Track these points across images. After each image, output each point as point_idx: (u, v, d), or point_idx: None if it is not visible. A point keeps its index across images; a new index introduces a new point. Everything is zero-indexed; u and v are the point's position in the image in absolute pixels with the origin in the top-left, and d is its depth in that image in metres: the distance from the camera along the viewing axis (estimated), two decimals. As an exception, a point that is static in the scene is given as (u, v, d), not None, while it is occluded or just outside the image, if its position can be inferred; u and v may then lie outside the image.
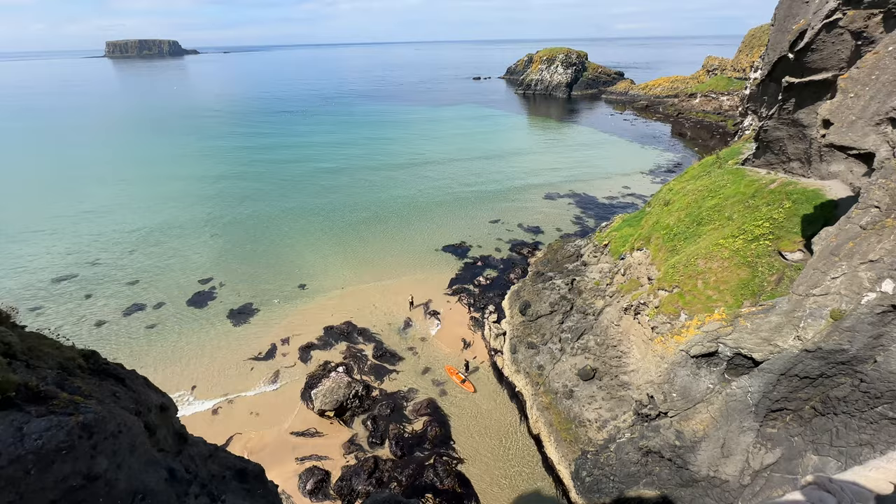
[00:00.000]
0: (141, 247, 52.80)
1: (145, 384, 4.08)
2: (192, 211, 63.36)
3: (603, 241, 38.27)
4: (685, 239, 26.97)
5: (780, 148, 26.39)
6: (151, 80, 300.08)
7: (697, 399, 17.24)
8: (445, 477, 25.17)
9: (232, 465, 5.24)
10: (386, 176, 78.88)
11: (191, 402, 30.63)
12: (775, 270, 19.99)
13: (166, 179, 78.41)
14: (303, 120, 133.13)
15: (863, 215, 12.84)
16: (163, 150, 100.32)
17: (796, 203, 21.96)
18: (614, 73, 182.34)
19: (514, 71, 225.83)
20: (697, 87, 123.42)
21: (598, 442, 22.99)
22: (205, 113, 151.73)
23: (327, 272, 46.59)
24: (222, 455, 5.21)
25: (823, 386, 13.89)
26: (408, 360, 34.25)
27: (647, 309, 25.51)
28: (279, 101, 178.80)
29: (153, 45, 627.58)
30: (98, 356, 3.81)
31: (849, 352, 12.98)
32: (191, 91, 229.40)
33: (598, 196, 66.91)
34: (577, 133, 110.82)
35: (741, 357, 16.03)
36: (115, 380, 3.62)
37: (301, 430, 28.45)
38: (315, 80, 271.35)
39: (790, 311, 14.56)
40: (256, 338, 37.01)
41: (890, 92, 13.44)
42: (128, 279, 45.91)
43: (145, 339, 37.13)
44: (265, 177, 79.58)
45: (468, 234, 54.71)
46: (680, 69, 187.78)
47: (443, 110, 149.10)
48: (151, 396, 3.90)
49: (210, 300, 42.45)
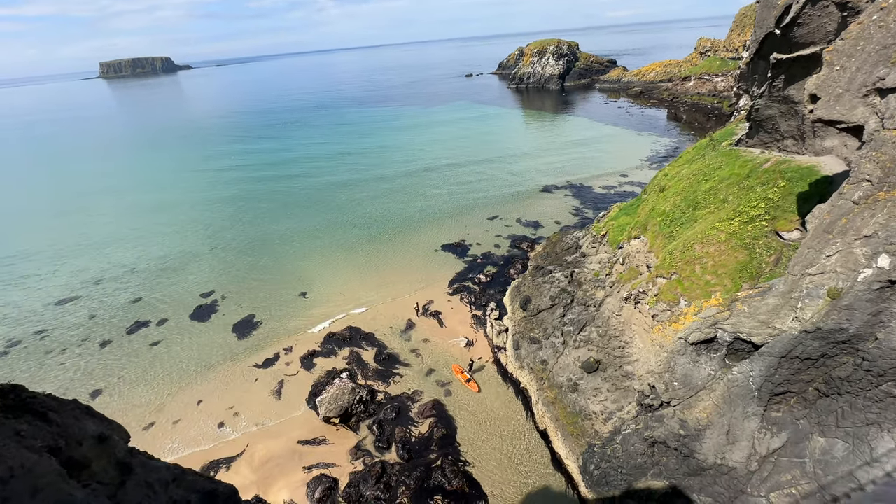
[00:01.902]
0: (142, 264, 53.05)
1: (84, 413, 3.94)
2: (191, 226, 63.61)
3: (601, 231, 37.96)
4: (681, 224, 26.64)
5: (773, 126, 25.99)
6: (146, 97, 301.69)
7: (699, 386, 16.97)
8: (453, 478, 25.03)
9: (200, 487, 5.12)
10: (381, 179, 78.78)
11: (197, 417, 30.65)
12: (773, 251, 19.66)
13: (164, 197, 78.74)
14: (297, 130, 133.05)
15: (854, 190, 12.54)
16: (159, 167, 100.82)
17: (791, 181, 21.59)
18: (607, 62, 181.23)
19: (506, 66, 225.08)
20: (691, 70, 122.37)
21: (604, 434, 22.77)
22: (199, 128, 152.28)
23: (327, 279, 46.56)
24: (189, 479, 5.09)
25: (825, 366, 13.60)
26: (411, 363, 34.14)
27: (647, 297, 25.23)
28: (272, 112, 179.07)
29: (146, 62, 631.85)
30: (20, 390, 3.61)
31: (848, 330, 12.69)
32: (184, 106, 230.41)
33: (596, 186, 66.47)
34: (573, 124, 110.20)
35: (740, 342, 15.76)
36: (34, 415, 3.47)
37: (307, 439, 28.42)
38: (307, 88, 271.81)
39: (787, 292, 14.27)
40: (260, 348, 37.05)
41: (876, 62, 13.12)
42: (131, 297, 46.12)
43: (150, 356, 37.28)
44: (261, 188, 79.73)
45: (467, 231, 54.51)
46: (672, 53, 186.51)
47: (436, 109, 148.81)
48: (87, 427, 3.76)
49: (213, 313, 42.56)
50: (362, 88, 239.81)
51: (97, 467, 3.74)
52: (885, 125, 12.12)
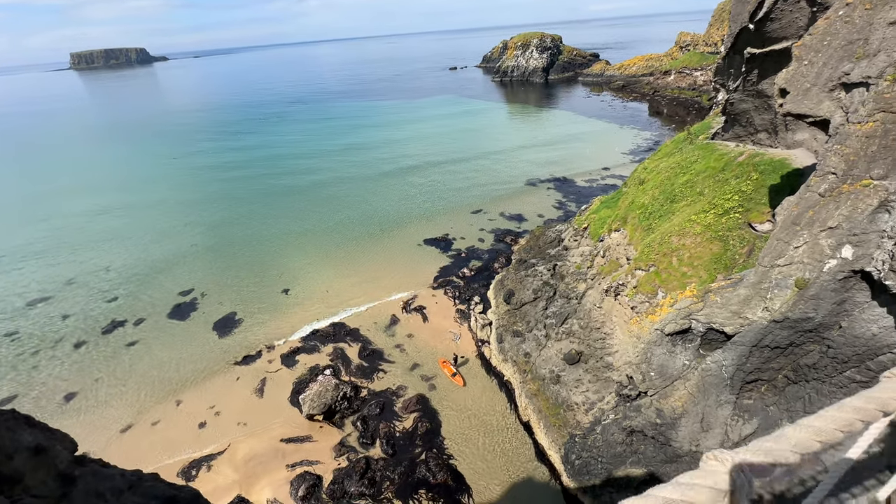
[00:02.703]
0: (116, 262, 51.57)
1: (22, 424, 3.73)
2: (169, 223, 62.01)
3: (582, 224, 38.35)
4: (660, 217, 27.08)
5: (748, 120, 26.52)
6: (120, 90, 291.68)
7: (675, 376, 17.38)
8: (438, 471, 25.18)
9: (159, 493, 4.99)
10: (364, 173, 78.02)
11: (176, 418, 30.10)
12: (746, 243, 20.15)
13: (138, 192, 76.55)
14: (277, 125, 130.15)
15: (821, 183, 12.89)
16: (134, 163, 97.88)
17: (763, 174, 22.11)
18: (589, 55, 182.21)
19: (490, 59, 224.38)
20: (671, 64, 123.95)
21: (585, 425, 23.16)
22: (175, 123, 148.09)
23: (310, 275, 46.03)
24: (147, 485, 4.95)
25: (794, 354, 14.04)
26: (395, 358, 34.09)
27: (627, 289, 25.64)
28: (251, 106, 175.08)
29: (120, 53, 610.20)
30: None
31: (815, 319, 13.11)
32: (161, 100, 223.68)
33: (579, 179, 67.04)
34: (556, 118, 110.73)
35: (714, 332, 16.16)
36: (-46, 431, 3.28)
37: (291, 437, 28.19)
38: (288, 81, 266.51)
39: (757, 282, 14.66)
40: (241, 346, 36.50)
41: (842, 57, 13.45)
42: (105, 297, 44.84)
43: (127, 357, 36.39)
44: (240, 185, 78.10)
45: (451, 226, 54.45)
46: (654, 47, 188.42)
47: (420, 103, 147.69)
48: (21, 440, 3.58)
49: (192, 311, 41.72)
50: (344, 82, 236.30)
51: (32, 481, 3.57)
52: (849, 119, 12.45)
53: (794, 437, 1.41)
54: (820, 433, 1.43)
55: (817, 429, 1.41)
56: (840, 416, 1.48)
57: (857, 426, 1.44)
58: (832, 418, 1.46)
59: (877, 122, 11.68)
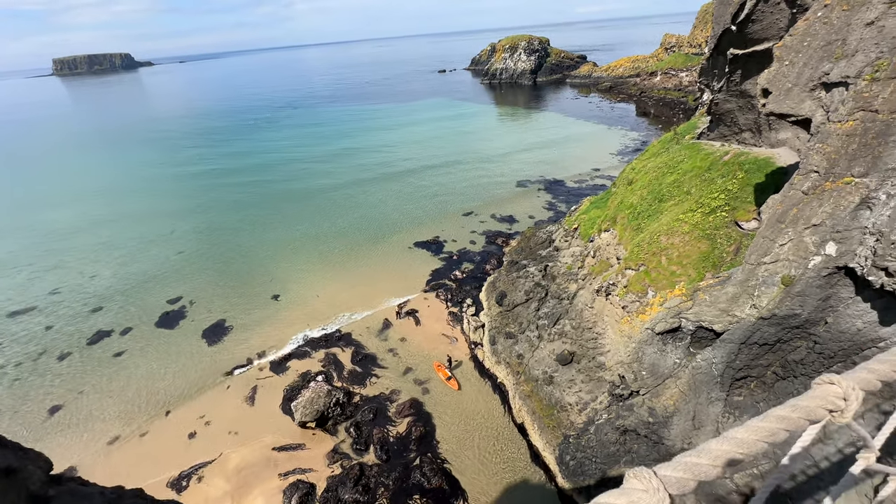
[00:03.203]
0: (102, 271, 50.64)
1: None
2: (156, 230, 61.09)
3: (573, 224, 38.56)
4: (648, 216, 27.32)
5: (732, 119, 26.92)
6: (104, 96, 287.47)
7: (666, 375, 17.48)
8: (432, 476, 25.03)
9: (141, 510, 4.87)
10: (354, 178, 77.70)
11: (165, 428, 29.55)
12: (733, 241, 20.38)
13: (125, 199, 75.38)
14: (267, 131, 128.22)
15: (804, 181, 13.09)
16: (120, 170, 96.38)
17: (748, 173, 22.43)
18: (577, 57, 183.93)
19: (479, 61, 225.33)
20: (657, 66, 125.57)
21: (578, 425, 23.20)
22: (162, 129, 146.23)
23: (300, 281, 45.63)
24: (129, 502, 4.81)
25: (782, 351, 14.20)
26: (388, 362, 33.89)
27: (617, 289, 25.78)
28: (240, 111, 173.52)
29: (104, 59, 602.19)
30: None
31: (801, 316, 13.28)
32: (147, 106, 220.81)
33: (569, 180, 67.47)
34: (545, 119, 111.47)
35: (703, 330, 16.30)
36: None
37: (283, 445, 27.83)
38: (276, 86, 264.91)
39: (744, 280, 14.83)
40: (231, 354, 36.01)
41: (821, 57, 13.69)
42: (90, 306, 43.98)
43: (114, 368, 35.68)
44: (229, 192, 77.26)
45: (442, 228, 54.41)
46: (640, 49, 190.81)
47: (410, 106, 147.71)
48: (-8, 461, 3.45)
49: (181, 320, 41.10)
50: (334, 85, 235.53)
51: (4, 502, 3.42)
52: (830, 118, 12.67)
53: (716, 450, 1.40)
54: (742, 445, 1.42)
55: (740, 440, 1.42)
56: (764, 427, 1.47)
57: (780, 436, 1.44)
58: (756, 429, 1.46)
59: (856, 120, 11.90)
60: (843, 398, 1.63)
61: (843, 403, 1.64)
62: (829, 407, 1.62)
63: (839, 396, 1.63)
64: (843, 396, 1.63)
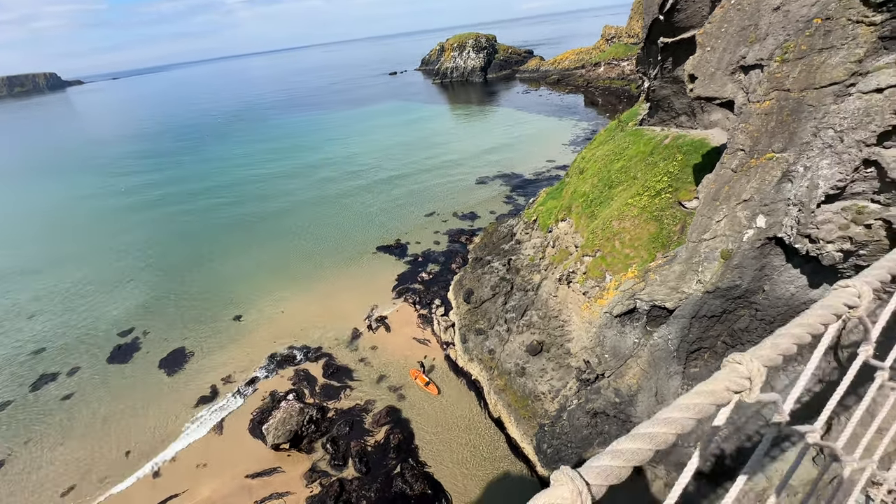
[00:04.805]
0: (42, 310, 46.83)
1: None
2: (100, 259, 57.15)
3: (531, 217, 39.31)
4: (600, 203, 28.25)
5: (669, 105, 28.29)
6: (28, 121, 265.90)
7: (627, 355, 18.15)
8: (414, 482, 24.83)
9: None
10: (311, 190, 75.76)
11: (125, 471, 27.70)
12: (678, 220, 21.42)
13: (63, 229, 70.05)
14: (215, 148, 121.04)
15: (732, 159, 13.93)
16: (55, 197, 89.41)
17: (686, 154, 23.65)
18: (524, 52, 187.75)
19: (429, 61, 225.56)
20: (600, 56, 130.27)
21: (552, 413, 23.69)
22: (98, 153, 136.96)
23: (262, 298, 44.02)
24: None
25: (728, 321, 15.05)
26: (361, 372, 33.31)
27: (577, 276, 26.51)
28: (182, 128, 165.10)
29: (26, 80, 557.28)
30: None
31: (741, 286, 14.12)
32: (77, 128, 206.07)
33: (526, 173, 68.75)
34: (499, 115, 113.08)
35: (657, 308, 17.04)
36: None
37: (257, 471, 26.77)
38: (223, 97, 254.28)
39: (688, 258, 15.62)
40: (194, 383, 34.27)
41: (738, 42, 14.59)
42: (30, 349, 40.60)
43: (64, 413, 33.12)
44: (179, 211, 73.44)
45: (404, 231, 54.06)
46: (583, 41, 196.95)
47: (364, 111, 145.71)
48: None
49: (134, 352, 38.70)
50: (284, 94, 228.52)
51: None
52: (749, 99, 13.52)
53: (628, 449, 1.44)
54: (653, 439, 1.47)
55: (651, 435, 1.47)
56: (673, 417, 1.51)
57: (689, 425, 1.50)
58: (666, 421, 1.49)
59: (772, 100, 12.76)
60: (748, 377, 1.71)
61: (748, 383, 1.71)
62: (735, 388, 1.71)
63: (744, 376, 1.71)
64: (747, 376, 1.71)
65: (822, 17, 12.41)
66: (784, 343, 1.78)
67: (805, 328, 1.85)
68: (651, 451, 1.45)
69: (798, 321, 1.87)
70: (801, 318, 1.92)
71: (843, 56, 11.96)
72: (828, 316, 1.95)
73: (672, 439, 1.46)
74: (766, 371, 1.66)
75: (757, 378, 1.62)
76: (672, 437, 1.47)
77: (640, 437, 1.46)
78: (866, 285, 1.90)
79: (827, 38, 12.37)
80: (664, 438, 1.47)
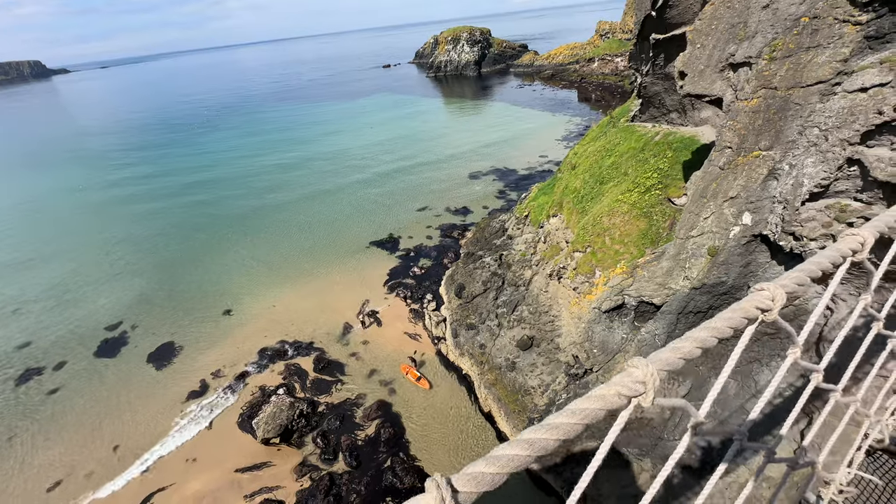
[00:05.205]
0: (27, 303, 46.08)
1: None
2: (88, 252, 56.28)
3: (523, 212, 39.38)
4: (591, 199, 28.36)
5: (660, 101, 28.39)
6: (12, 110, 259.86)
7: (615, 350, 18.34)
8: (405, 476, 24.97)
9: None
10: (301, 178, 75.20)
11: (112, 466, 27.48)
12: (668, 217, 21.58)
13: (47, 220, 68.83)
14: (205, 141, 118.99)
15: (720, 157, 14.04)
16: (40, 188, 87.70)
17: (677, 151, 23.79)
18: (518, 47, 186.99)
19: (423, 54, 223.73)
20: (594, 52, 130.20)
21: (541, 407, 23.89)
22: (85, 145, 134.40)
23: (253, 292, 43.72)
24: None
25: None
26: (352, 367, 33.30)
27: (568, 271, 26.66)
28: (173, 119, 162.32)
29: (10, 68, 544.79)
30: None
31: (727, 283, 14.30)
32: (64, 119, 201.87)
33: (519, 168, 68.74)
34: (492, 109, 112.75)
35: (645, 304, 17.21)
36: None
37: (246, 465, 26.73)
38: (214, 89, 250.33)
39: (676, 254, 15.77)
40: (183, 378, 34.02)
41: (727, 40, 14.65)
42: (15, 343, 39.99)
43: (49, 408, 32.73)
44: (164, 202, 72.46)
45: (397, 225, 53.89)
46: (577, 36, 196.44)
47: (356, 103, 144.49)
48: None
49: (123, 346, 38.30)
50: (277, 86, 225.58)
51: None
52: (738, 97, 13.61)
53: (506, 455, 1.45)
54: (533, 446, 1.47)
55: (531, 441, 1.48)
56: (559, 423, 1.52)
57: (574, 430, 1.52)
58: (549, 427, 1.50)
59: (760, 98, 12.86)
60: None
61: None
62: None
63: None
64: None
65: (810, 15, 12.50)
66: (687, 347, 1.78)
67: (711, 332, 1.85)
68: (530, 457, 1.44)
69: (706, 324, 1.88)
70: (710, 321, 1.92)
71: (829, 55, 12.06)
72: (737, 320, 1.93)
73: (553, 445, 1.45)
74: (662, 375, 1.65)
75: (650, 382, 1.62)
76: (553, 444, 1.46)
77: (519, 444, 1.45)
78: (780, 289, 1.96)
79: (814, 36, 12.46)
80: (544, 444, 1.46)
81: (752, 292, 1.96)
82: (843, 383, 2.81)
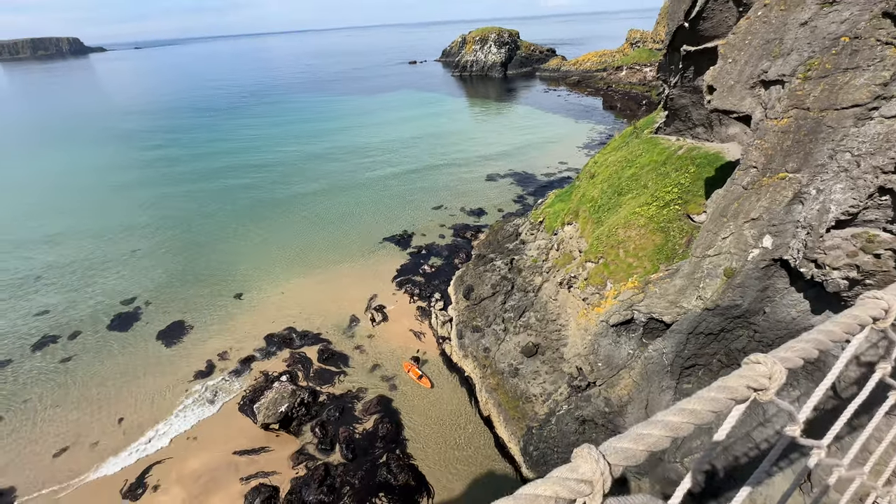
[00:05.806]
0: (48, 272, 47.56)
1: None
2: (108, 228, 57.79)
3: (538, 218, 38.99)
4: (608, 210, 27.89)
5: (686, 114, 27.73)
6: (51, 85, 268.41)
7: (620, 366, 17.97)
8: (399, 473, 24.96)
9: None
10: (321, 169, 75.90)
11: (117, 437, 28.15)
12: (685, 233, 21.06)
13: (73, 194, 70.89)
14: (235, 128, 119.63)
15: (744, 176, 13.59)
16: (70, 163, 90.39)
17: (700, 167, 23.19)
18: (546, 51, 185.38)
19: (449, 53, 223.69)
20: (623, 60, 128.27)
21: (541, 416, 23.62)
22: (119, 119, 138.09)
23: (264, 278, 44.30)
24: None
25: (725, 340, 14.80)
26: (355, 360, 33.47)
27: (579, 281, 26.27)
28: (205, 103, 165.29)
29: (50, 43, 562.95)
30: None
31: (742, 306, 13.85)
32: (99, 96, 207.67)
33: (537, 173, 68.17)
34: (516, 112, 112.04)
35: (654, 321, 16.81)
36: None
37: (245, 448, 27.10)
38: (245, 76, 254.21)
39: (691, 272, 15.35)
40: (191, 357, 34.67)
41: (761, 56, 14.16)
42: (34, 310, 41.28)
43: (61, 375, 33.70)
44: (188, 185, 73.91)
45: (411, 222, 53.98)
46: (606, 43, 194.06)
47: (381, 98, 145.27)
48: None
49: (135, 322, 39.21)
50: (301, 77, 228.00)
51: None
52: (767, 115, 13.15)
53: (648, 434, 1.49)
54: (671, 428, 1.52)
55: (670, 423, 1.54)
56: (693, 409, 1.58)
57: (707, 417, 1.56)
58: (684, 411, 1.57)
59: (790, 118, 12.39)
60: (767, 377, 1.75)
61: (767, 382, 1.75)
62: (754, 385, 1.76)
63: (764, 375, 1.75)
64: (767, 375, 1.76)
65: (851, 35, 11.98)
66: (805, 347, 1.77)
67: (827, 335, 1.84)
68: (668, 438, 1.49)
69: (821, 328, 1.86)
70: (825, 325, 1.90)
71: (868, 77, 11.54)
72: (852, 325, 1.93)
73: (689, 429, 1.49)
74: (786, 372, 1.68)
75: (776, 378, 1.65)
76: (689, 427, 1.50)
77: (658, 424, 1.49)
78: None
79: (853, 57, 11.94)
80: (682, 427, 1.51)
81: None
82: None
